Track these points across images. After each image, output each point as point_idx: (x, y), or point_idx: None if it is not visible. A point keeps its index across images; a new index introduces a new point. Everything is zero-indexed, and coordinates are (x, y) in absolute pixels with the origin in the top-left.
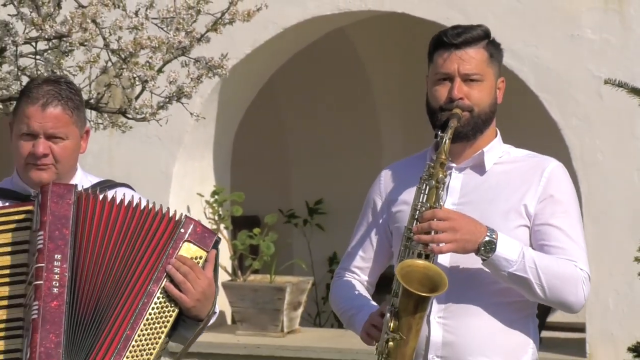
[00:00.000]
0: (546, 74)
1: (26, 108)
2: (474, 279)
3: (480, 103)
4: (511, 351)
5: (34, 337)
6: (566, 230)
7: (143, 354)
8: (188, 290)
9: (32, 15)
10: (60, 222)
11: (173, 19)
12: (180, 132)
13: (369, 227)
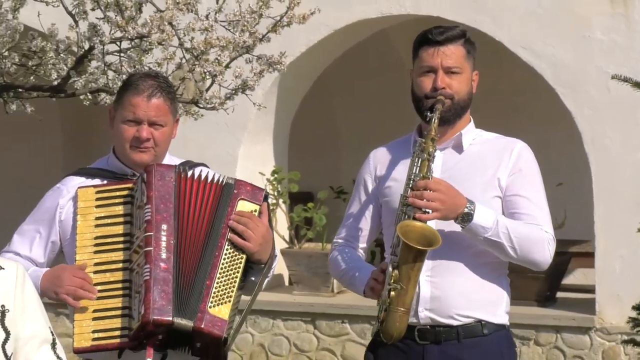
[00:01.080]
0: (561, 70)
1: (132, 98)
2: (456, 243)
3: (459, 92)
4: (488, 304)
5: (147, 296)
6: (532, 200)
7: (224, 297)
8: (250, 237)
9: (116, 19)
10: (165, 197)
11: (238, 21)
12: (245, 120)
13: (361, 202)
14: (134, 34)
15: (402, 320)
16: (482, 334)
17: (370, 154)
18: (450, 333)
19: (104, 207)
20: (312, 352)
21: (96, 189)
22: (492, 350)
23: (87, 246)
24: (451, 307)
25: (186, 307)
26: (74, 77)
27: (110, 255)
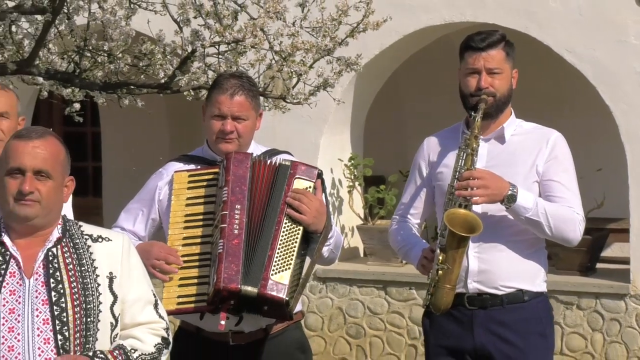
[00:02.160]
0: (600, 70)
1: (218, 96)
2: (499, 223)
3: (500, 89)
4: (528, 275)
5: (219, 267)
6: (566, 184)
7: (284, 265)
8: (305, 211)
9: (215, 25)
10: (240, 181)
11: (321, 28)
12: (326, 113)
13: (416, 184)
14: (231, 39)
15: (449, 295)
16: (522, 301)
17: (424, 141)
18: (495, 300)
19: (194, 189)
20: (383, 315)
21: (189, 173)
22: (531, 314)
23: (179, 222)
24: (496, 279)
25: (252, 275)
26: (178, 76)
27: (197, 230)
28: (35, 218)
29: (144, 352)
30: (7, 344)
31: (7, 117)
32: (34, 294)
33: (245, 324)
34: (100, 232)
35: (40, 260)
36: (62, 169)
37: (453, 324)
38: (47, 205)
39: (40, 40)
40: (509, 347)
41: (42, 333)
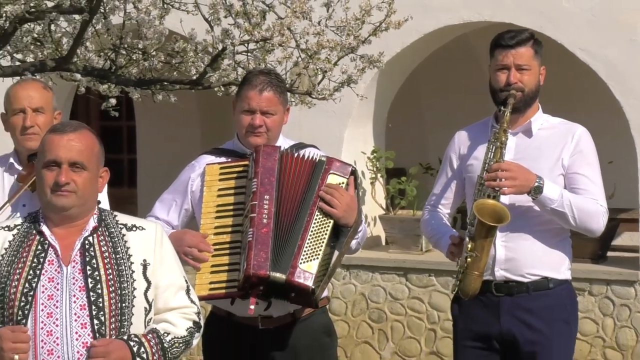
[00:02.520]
0: (612, 67)
1: (247, 92)
2: (526, 214)
3: (529, 85)
4: (553, 263)
5: (249, 254)
6: (590, 177)
7: (313, 255)
8: (336, 205)
9: (245, 24)
10: (268, 172)
11: (345, 27)
12: (349, 108)
13: (447, 175)
14: (259, 37)
15: (477, 281)
16: (547, 288)
17: (455, 135)
18: (521, 287)
19: (225, 180)
20: (404, 300)
21: (220, 166)
22: (556, 302)
23: (210, 212)
24: (522, 267)
25: (281, 263)
26: (209, 72)
27: (227, 220)
28: (71, 208)
29: (177, 336)
30: (46, 328)
31: (42, 112)
32: (72, 281)
33: (274, 309)
34: (134, 222)
35: (77, 249)
36: (96, 161)
37: (481, 310)
38: (82, 196)
39: (78, 38)
40: (534, 333)
41: (80, 318)
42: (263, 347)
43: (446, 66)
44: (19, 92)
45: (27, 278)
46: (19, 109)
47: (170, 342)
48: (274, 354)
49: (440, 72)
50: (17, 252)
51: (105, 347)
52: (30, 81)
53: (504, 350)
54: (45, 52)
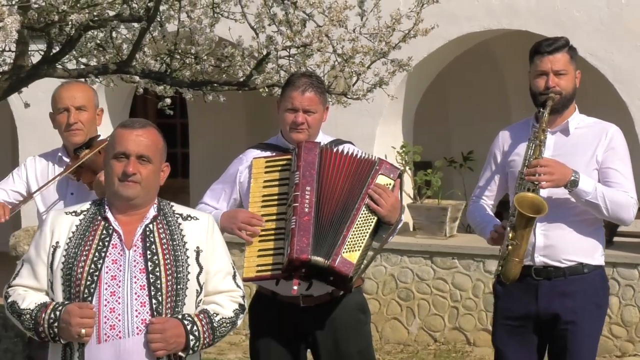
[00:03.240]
0: (619, 71)
1: (291, 92)
2: (563, 204)
3: (566, 88)
4: (587, 250)
5: (292, 240)
6: (622, 172)
7: (355, 246)
8: (382, 204)
9: (287, 32)
10: (310, 166)
11: (377, 34)
12: (381, 107)
13: (492, 170)
14: (300, 43)
15: (517, 267)
16: (582, 273)
17: (499, 133)
18: (559, 272)
19: (270, 173)
20: (429, 281)
21: (266, 160)
22: (589, 286)
23: (257, 202)
24: (559, 254)
25: (322, 248)
26: (254, 75)
27: (272, 209)
28: (136, 198)
29: (224, 316)
30: (109, 306)
31: (85, 110)
32: (133, 264)
33: (314, 288)
34: (189, 212)
35: (138, 235)
36: (160, 156)
37: (521, 292)
38: (146, 186)
39: (137, 44)
40: (568, 314)
41: (139, 297)
42: (304, 323)
43: (468, 69)
44: (63, 93)
45: (92, 259)
46: (64, 108)
47: (219, 322)
48: (314, 329)
49: (463, 74)
50: (83, 236)
51: (162, 324)
52: (73, 82)
53: (540, 330)
54: (107, 57)
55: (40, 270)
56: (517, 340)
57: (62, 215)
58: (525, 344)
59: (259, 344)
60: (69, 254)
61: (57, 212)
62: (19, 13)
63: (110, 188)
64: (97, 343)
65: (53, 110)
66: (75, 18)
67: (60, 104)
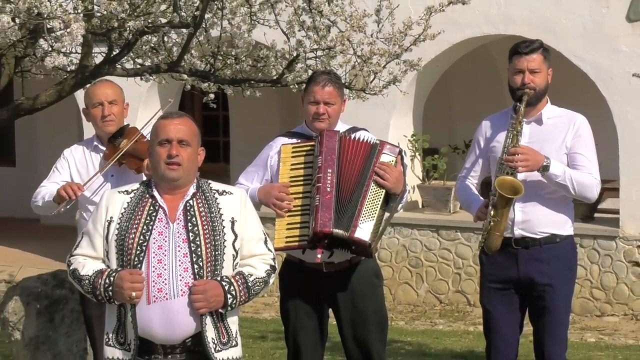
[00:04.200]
0: (599, 70)
1: (313, 87)
2: (537, 185)
3: (539, 84)
4: (559, 223)
5: (316, 215)
6: (587, 156)
7: (369, 217)
8: (387, 179)
9: (314, 36)
10: (331, 151)
11: (391, 38)
12: (394, 101)
13: (476, 154)
14: (325, 46)
15: (498, 240)
16: (555, 242)
17: (482, 122)
18: (535, 242)
19: (296, 157)
20: (436, 251)
21: (293, 146)
22: (561, 253)
23: (285, 183)
24: (535, 227)
25: (342, 222)
26: (286, 74)
27: (299, 188)
28: (179, 179)
29: (258, 277)
30: (156, 272)
31: (115, 104)
32: (177, 235)
33: (335, 257)
34: (224, 188)
35: (180, 210)
36: (196, 140)
37: (503, 259)
38: (187, 168)
39: (185, 47)
40: (544, 276)
41: (182, 264)
42: (327, 286)
43: (470, 69)
44: (97, 90)
45: (141, 232)
46: (98, 102)
47: (253, 281)
48: (335, 291)
49: (465, 73)
50: (133, 211)
51: (203, 286)
52: (104, 81)
53: (520, 291)
54: (160, 58)
55: (97, 241)
56: (501, 300)
57: (115, 194)
58: (509, 303)
59: (288, 305)
60: (121, 227)
61: (111, 192)
62: (83, 20)
63: (156, 171)
64: (147, 304)
65: (87, 106)
66: (132, 24)
67: (95, 99)
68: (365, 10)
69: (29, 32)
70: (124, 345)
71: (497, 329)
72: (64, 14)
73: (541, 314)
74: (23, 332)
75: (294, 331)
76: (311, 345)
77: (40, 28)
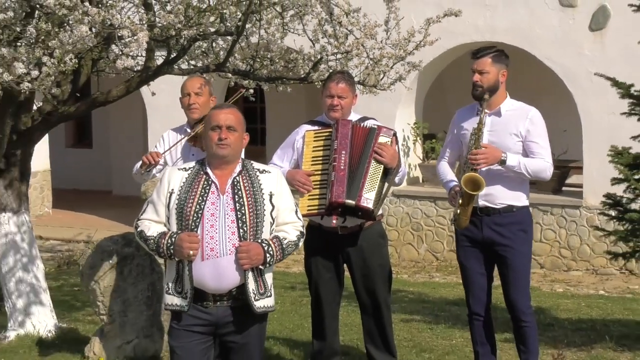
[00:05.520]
0: (567, 70)
1: (329, 83)
2: (498, 171)
3: (486, 83)
4: (515, 197)
5: (332, 189)
6: (540, 144)
7: (371, 188)
8: (384, 156)
9: (334, 42)
10: (344, 137)
11: (397, 44)
12: (400, 95)
13: (451, 139)
14: (343, 51)
15: (465, 222)
16: (512, 211)
17: (456, 113)
18: (495, 210)
19: (317, 141)
20: (433, 217)
21: (314, 132)
22: (517, 219)
23: (308, 161)
24: (495, 199)
25: (351, 194)
26: (312, 73)
27: (318, 166)
28: (227, 157)
29: (290, 240)
30: (209, 234)
31: (201, 95)
32: (226, 205)
33: (348, 221)
34: (264, 167)
35: (229, 184)
36: (241, 127)
37: (471, 224)
38: (234, 148)
39: (229, 51)
40: (503, 238)
41: (230, 228)
42: (341, 245)
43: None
44: (187, 83)
45: (197, 202)
46: (187, 93)
47: (286, 244)
48: (348, 249)
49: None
50: (190, 185)
51: (247, 246)
52: (194, 76)
53: (485, 249)
54: (209, 60)
55: (160, 209)
56: (473, 256)
57: (176, 171)
58: (478, 258)
59: (310, 261)
60: (180, 198)
61: (172, 169)
62: (147, 29)
63: (209, 151)
64: (201, 260)
65: (181, 95)
66: (186, 33)
67: (185, 91)
68: (376, 21)
69: (103, 40)
70: (182, 293)
71: (471, 279)
72: (132, 24)
73: (504, 269)
74: (98, 283)
75: (315, 283)
76: (330, 294)
77: (112, 36)
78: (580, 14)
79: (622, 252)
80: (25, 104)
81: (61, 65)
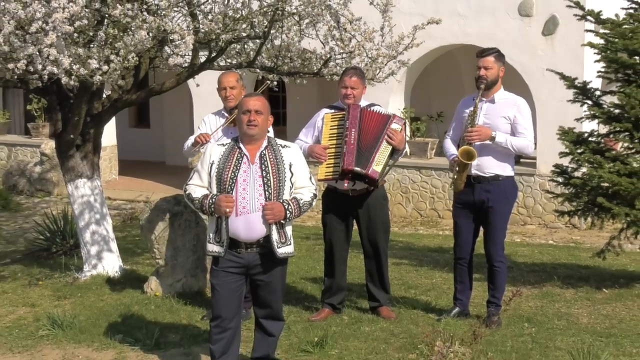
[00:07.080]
0: (526, 68)
1: (344, 77)
2: (488, 146)
3: (490, 77)
4: (501, 168)
5: (344, 158)
6: (524, 125)
7: (380, 162)
8: (394, 139)
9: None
10: (354, 118)
11: (390, 46)
12: (392, 86)
13: (456, 121)
14: (347, 51)
15: (461, 185)
16: (498, 179)
17: (461, 101)
18: (485, 178)
19: (333, 121)
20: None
21: (332, 114)
22: (503, 187)
23: (326, 137)
24: (484, 168)
25: (361, 163)
26: (323, 69)
27: (334, 141)
28: (255, 135)
29: (306, 201)
30: (242, 195)
31: (235, 88)
32: (255, 172)
33: (357, 186)
34: (285, 143)
35: (257, 156)
36: (267, 111)
37: (465, 189)
38: (261, 128)
39: (258, 51)
40: (490, 201)
41: (258, 191)
42: (352, 204)
43: (441, 66)
44: (223, 78)
45: (232, 170)
46: (223, 87)
47: (303, 203)
48: (357, 208)
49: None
50: (227, 157)
51: (271, 205)
52: (229, 72)
53: (475, 210)
54: (241, 58)
55: (204, 176)
56: (464, 215)
57: (216, 146)
58: (468, 217)
59: (327, 217)
60: (219, 167)
61: (213, 144)
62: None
63: (241, 130)
64: (235, 216)
65: (218, 88)
66: (224, 37)
67: (221, 85)
68: (374, 27)
69: (158, 42)
70: (220, 242)
71: (460, 233)
72: (181, 30)
73: (486, 225)
74: (155, 233)
75: (329, 233)
76: (340, 242)
77: (165, 39)
78: (535, 22)
79: (568, 211)
80: (97, 93)
81: (125, 62)
